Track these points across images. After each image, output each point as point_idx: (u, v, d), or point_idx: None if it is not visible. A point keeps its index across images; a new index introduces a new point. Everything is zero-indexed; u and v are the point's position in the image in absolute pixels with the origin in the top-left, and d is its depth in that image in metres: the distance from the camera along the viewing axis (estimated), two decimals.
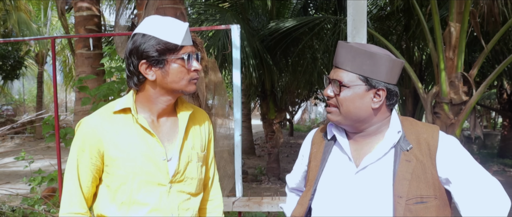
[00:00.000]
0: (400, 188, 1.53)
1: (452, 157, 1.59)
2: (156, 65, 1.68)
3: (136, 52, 1.69)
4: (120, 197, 1.74)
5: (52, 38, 3.89)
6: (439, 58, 5.42)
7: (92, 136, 1.74)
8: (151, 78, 1.71)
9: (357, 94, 1.60)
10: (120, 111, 1.77)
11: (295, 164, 2.00)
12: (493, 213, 1.53)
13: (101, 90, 4.04)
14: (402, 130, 1.64)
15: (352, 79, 1.60)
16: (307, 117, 33.57)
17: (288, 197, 2.09)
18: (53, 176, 4.92)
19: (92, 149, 1.74)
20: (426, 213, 1.53)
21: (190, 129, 1.87)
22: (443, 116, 5.40)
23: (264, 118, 11.48)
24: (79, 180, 1.76)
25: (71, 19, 16.76)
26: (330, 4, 10.62)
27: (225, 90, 4.67)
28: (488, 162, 12.88)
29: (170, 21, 1.71)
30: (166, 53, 1.67)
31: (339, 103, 1.62)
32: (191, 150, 1.84)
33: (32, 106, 29.16)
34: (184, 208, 1.81)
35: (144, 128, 1.75)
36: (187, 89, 1.74)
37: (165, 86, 1.72)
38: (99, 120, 1.76)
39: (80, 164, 1.76)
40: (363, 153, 1.64)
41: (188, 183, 1.83)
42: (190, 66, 1.71)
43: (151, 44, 1.66)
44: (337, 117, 1.63)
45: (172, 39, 1.66)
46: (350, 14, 3.08)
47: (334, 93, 1.63)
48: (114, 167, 1.73)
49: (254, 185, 9.92)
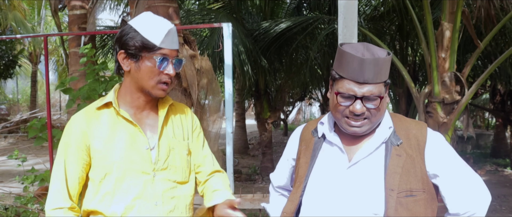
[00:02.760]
0: (392, 181, 1.58)
1: (439, 153, 1.65)
2: (131, 57, 1.75)
3: (119, 41, 1.78)
4: (104, 188, 1.78)
5: (44, 35, 3.88)
6: (431, 58, 5.44)
7: (78, 130, 1.79)
8: (126, 68, 1.78)
9: (385, 98, 1.64)
10: (103, 106, 1.84)
11: (280, 163, 2.01)
12: (476, 206, 1.64)
13: (82, 92, 4.01)
14: (393, 126, 1.68)
15: (382, 89, 1.61)
16: (301, 117, 33.58)
17: (272, 196, 2.10)
18: (46, 175, 4.90)
19: (78, 144, 1.79)
20: (415, 206, 1.58)
21: (169, 118, 1.92)
22: (436, 115, 5.42)
23: (258, 118, 11.49)
24: (66, 175, 1.79)
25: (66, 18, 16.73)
26: (324, 4, 10.63)
27: (219, 90, 4.67)
28: (481, 162, 12.94)
29: (157, 21, 1.77)
30: (142, 50, 1.73)
31: (372, 115, 1.61)
32: (171, 139, 1.88)
33: (26, 105, 29.01)
34: (169, 196, 1.84)
35: (126, 119, 1.81)
36: (153, 91, 1.78)
37: (136, 81, 1.78)
38: (84, 116, 1.83)
39: (67, 159, 1.80)
40: (354, 149, 1.68)
41: (172, 171, 1.86)
42: (161, 68, 1.75)
43: (132, 37, 1.74)
44: (367, 127, 1.63)
45: (151, 38, 1.72)
46: (341, 12, 3.10)
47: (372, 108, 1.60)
48: (99, 159, 1.78)
49: (248, 185, 9.92)
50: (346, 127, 1.64)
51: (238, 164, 12.51)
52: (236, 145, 14.08)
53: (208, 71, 4.50)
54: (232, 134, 3.54)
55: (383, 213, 1.56)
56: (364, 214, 1.58)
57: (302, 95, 17.61)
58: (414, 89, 5.73)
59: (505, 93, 12.60)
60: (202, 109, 4.40)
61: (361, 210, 1.58)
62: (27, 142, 15.91)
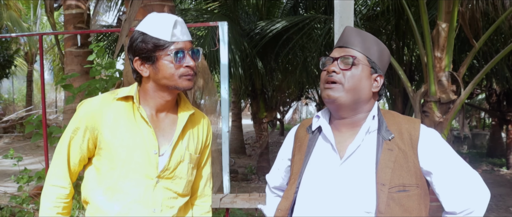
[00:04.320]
0: (383, 176, 1.55)
1: (433, 149, 1.62)
2: (147, 61, 1.72)
3: (131, 49, 1.74)
4: (107, 182, 1.76)
5: (40, 34, 3.87)
6: (427, 57, 5.44)
7: (91, 116, 1.77)
8: (144, 74, 1.75)
9: (365, 73, 1.64)
10: (122, 99, 1.80)
11: (276, 163, 2.00)
12: (474, 204, 1.59)
13: (83, 88, 4.02)
14: (384, 120, 1.67)
15: (362, 59, 1.64)
16: (298, 117, 33.59)
17: (268, 197, 2.09)
18: (41, 174, 4.89)
19: (87, 129, 1.77)
20: (408, 202, 1.55)
21: (187, 129, 1.89)
22: (432, 115, 5.42)
23: (254, 118, 11.48)
24: (68, 155, 1.79)
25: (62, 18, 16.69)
26: (321, 4, 10.63)
27: (215, 90, 4.66)
28: (477, 161, 13.00)
29: (162, 17, 1.74)
30: (156, 50, 1.70)
31: (346, 79, 1.62)
32: (184, 150, 1.85)
33: (22, 105, 28.91)
34: (168, 206, 1.82)
35: (142, 118, 1.78)
36: (180, 85, 1.74)
37: (158, 82, 1.75)
38: (100, 103, 1.79)
39: (72, 141, 1.79)
40: (346, 144, 1.66)
41: (176, 182, 1.83)
42: (179, 62, 1.71)
43: (142, 41, 1.70)
44: (340, 93, 1.62)
45: (161, 36, 1.69)
46: (337, 11, 3.09)
47: (344, 68, 1.63)
48: (106, 151, 1.76)
49: (244, 184, 9.92)
50: (323, 95, 1.66)
51: (234, 164, 12.50)
52: (232, 145, 14.06)
53: (204, 71, 4.49)
54: (228, 133, 3.53)
55: (374, 211, 1.53)
56: (356, 213, 1.56)
57: (299, 94, 17.61)
58: (410, 89, 5.73)
59: (501, 93, 12.64)
60: (198, 109, 4.39)
61: (353, 208, 1.56)
62: (22, 142, 15.86)
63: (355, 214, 1.56)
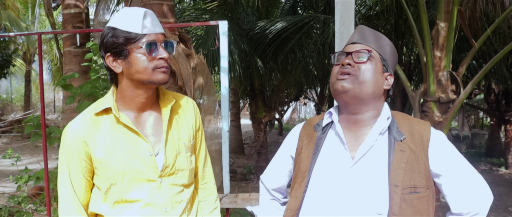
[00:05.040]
0: (396, 177, 1.54)
1: (443, 151, 1.63)
2: (119, 56, 1.67)
3: (102, 45, 1.69)
4: (111, 198, 1.73)
5: (38, 33, 3.84)
6: (427, 57, 5.44)
7: (77, 140, 1.72)
8: (117, 71, 1.70)
9: (378, 69, 1.66)
10: (102, 112, 1.75)
11: (275, 162, 1.96)
12: (479, 206, 1.63)
13: (85, 89, 4.01)
14: (395, 121, 1.67)
15: (376, 55, 1.67)
16: (296, 117, 33.60)
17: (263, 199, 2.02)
18: (40, 175, 4.87)
19: (79, 153, 1.72)
20: (419, 203, 1.55)
21: (174, 120, 1.85)
22: (431, 114, 5.41)
23: (253, 117, 11.47)
24: (72, 186, 1.74)
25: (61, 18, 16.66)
26: (319, 3, 10.62)
27: (214, 89, 4.65)
28: (476, 161, 13.00)
29: (131, 10, 1.69)
30: (127, 44, 1.65)
31: (360, 72, 1.63)
32: (177, 142, 1.82)
33: (20, 105, 28.91)
34: (177, 201, 1.80)
35: (127, 127, 1.73)
36: (154, 78, 1.69)
37: (132, 77, 1.70)
38: (81, 124, 1.75)
39: (71, 170, 1.74)
40: (357, 144, 1.65)
41: (180, 175, 1.82)
42: (152, 54, 1.67)
43: (112, 36, 1.65)
44: (352, 84, 1.62)
45: (131, 29, 1.64)
46: (338, 10, 3.08)
47: (358, 61, 1.64)
48: (102, 169, 1.72)
49: (243, 184, 9.91)
50: (336, 86, 1.65)
51: (233, 164, 12.49)
52: (231, 144, 14.04)
53: (204, 70, 4.48)
54: (228, 133, 3.52)
55: (386, 213, 1.53)
56: (367, 214, 1.55)
57: (297, 94, 17.60)
58: (410, 88, 5.73)
59: (499, 92, 12.65)
60: (198, 108, 4.37)
61: (364, 209, 1.55)
62: (21, 141, 15.83)
63: (367, 215, 1.55)
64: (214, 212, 2.04)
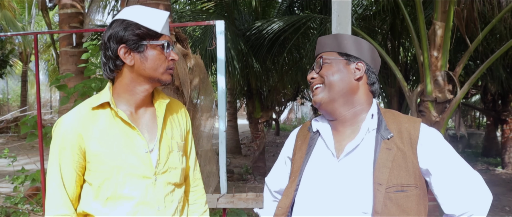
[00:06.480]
0: (380, 176, 1.53)
1: (433, 149, 1.60)
2: (135, 49, 1.68)
3: (116, 37, 1.68)
4: (104, 193, 1.71)
5: (34, 33, 3.83)
6: (424, 57, 5.45)
7: (72, 133, 1.70)
8: (129, 63, 1.70)
9: (338, 66, 1.68)
10: (98, 106, 1.75)
11: (277, 165, 1.97)
12: (474, 207, 1.56)
13: (77, 88, 4.00)
14: (383, 119, 1.66)
15: (332, 56, 1.71)
16: (293, 117, 33.60)
17: (266, 202, 2.05)
18: (36, 176, 4.86)
19: (73, 147, 1.71)
20: (407, 202, 1.52)
21: (168, 119, 1.87)
22: (428, 114, 5.43)
23: (250, 118, 11.47)
24: (62, 180, 1.72)
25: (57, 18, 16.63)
26: (316, 4, 10.62)
27: (211, 89, 4.64)
28: (473, 161, 13.03)
29: (151, 9, 1.73)
30: (146, 38, 1.68)
31: (324, 77, 1.68)
32: (171, 140, 1.83)
33: (16, 105, 28.82)
34: (169, 200, 1.80)
35: (124, 121, 1.73)
36: (163, 77, 1.73)
37: (143, 72, 1.71)
38: (77, 117, 1.74)
39: (63, 163, 1.72)
40: (345, 143, 1.65)
41: (172, 174, 1.82)
42: (168, 55, 1.72)
43: (132, 29, 1.66)
44: (322, 92, 1.68)
45: (152, 26, 1.67)
46: (334, 10, 3.08)
47: (318, 70, 1.71)
48: (96, 163, 1.70)
49: (241, 184, 9.90)
50: (313, 102, 1.74)
51: (230, 164, 12.49)
52: (228, 145, 14.05)
53: (201, 70, 4.47)
54: (225, 133, 3.52)
55: (371, 212, 1.51)
56: (353, 213, 1.53)
57: (294, 94, 17.62)
58: (407, 88, 5.74)
59: (496, 92, 12.68)
60: (195, 108, 4.37)
61: (350, 207, 1.54)
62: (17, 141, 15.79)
63: (352, 214, 1.54)
64: (204, 214, 2.06)
